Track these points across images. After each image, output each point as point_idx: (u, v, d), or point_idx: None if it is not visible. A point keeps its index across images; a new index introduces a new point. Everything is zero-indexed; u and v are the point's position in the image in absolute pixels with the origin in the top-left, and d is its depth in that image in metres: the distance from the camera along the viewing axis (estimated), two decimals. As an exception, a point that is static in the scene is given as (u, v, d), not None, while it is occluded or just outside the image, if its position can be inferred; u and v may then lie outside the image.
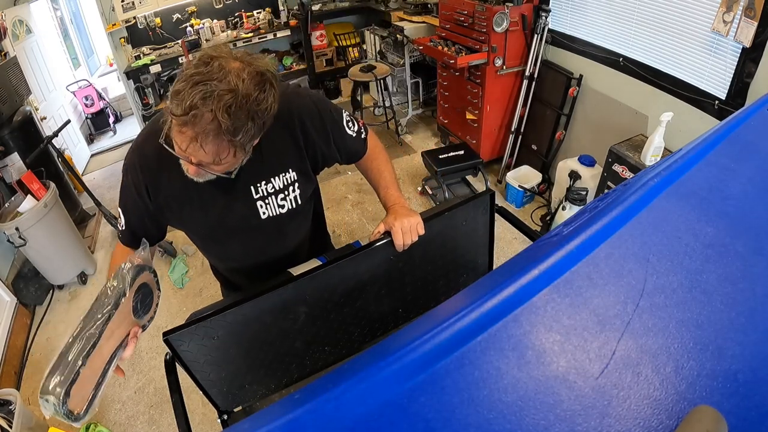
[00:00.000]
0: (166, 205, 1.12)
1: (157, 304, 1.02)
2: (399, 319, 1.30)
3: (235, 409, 1.26)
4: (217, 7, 5.13)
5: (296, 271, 1.25)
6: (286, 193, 1.17)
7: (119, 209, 1.17)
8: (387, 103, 4.40)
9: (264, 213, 1.17)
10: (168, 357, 1.29)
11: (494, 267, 1.42)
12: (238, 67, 0.86)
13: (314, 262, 1.29)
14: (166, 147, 0.94)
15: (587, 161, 2.86)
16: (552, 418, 0.50)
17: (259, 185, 1.13)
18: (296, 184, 1.18)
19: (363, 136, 1.28)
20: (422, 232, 1.12)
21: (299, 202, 1.21)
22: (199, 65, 0.85)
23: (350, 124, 1.25)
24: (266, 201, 1.16)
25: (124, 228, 1.16)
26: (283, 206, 1.18)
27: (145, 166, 1.08)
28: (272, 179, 1.14)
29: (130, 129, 5.65)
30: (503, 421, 0.50)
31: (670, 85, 2.41)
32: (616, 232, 0.69)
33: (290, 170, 1.16)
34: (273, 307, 1.09)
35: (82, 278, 3.19)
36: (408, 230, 1.10)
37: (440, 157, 3.36)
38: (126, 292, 0.88)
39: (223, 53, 0.88)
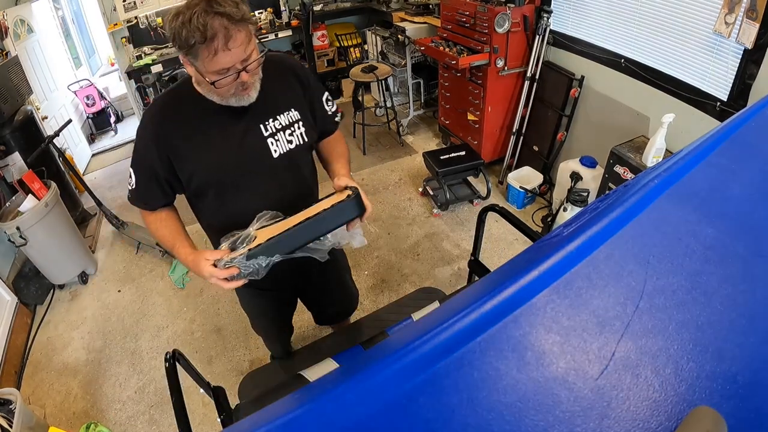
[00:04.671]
0: (183, 151, 1.21)
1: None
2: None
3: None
4: (218, 7, 5.13)
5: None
6: (293, 129, 1.29)
7: (130, 169, 1.29)
8: (388, 104, 4.40)
9: (275, 151, 1.27)
10: (168, 357, 1.30)
11: (495, 268, 1.42)
12: None
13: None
14: (217, 89, 1.11)
15: (588, 162, 2.85)
16: (551, 420, 0.50)
17: (267, 123, 1.25)
18: (300, 123, 1.31)
19: (337, 119, 1.47)
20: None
21: (305, 139, 1.32)
22: (176, 14, 1.02)
23: (329, 102, 1.43)
24: (276, 137, 1.27)
25: (134, 187, 1.29)
26: (291, 141, 1.30)
27: (164, 120, 1.21)
28: (278, 116, 1.27)
29: (131, 129, 5.65)
30: (502, 422, 0.50)
31: (671, 87, 2.40)
32: (617, 233, 0.69)
33: (293, 109, 1.30)
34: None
35: (83, 278, 3.20)
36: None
37: (441, 157, 3.36)
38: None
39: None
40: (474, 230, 1.75)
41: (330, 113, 1.43)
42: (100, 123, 5.61)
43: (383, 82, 4.15)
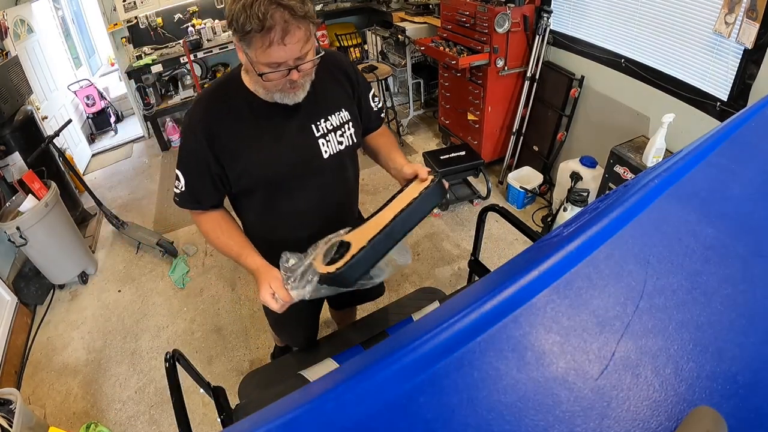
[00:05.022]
0: (234, 149, 1.18)
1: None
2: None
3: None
4: (218, 7, 5.13)
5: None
6: (343, 130, 1.28)
7: (177, 172, 1.24)
8: (388, 104, 4.40)
9: (326, 152, 1.26)
10: (168, 357, 1.30)
11: (495, 268, 1.42)
12: None
13: None
14: (264, 82, 1.07)
15: (588, 162, 2.86)
16: (551, 419, 0.50)
17: (318, 123, 1.24)
18: (350, 123, 1.30)
19: (381, 115, 1.47)
20: None
21: (355, 140, 1.32)
22: None
23: (375, 99, 1.43)
24: (327, 138, 1.25)
25: (183, 190, 1.24)
26: (341, 143, 1.29)
27: (213, 117, 1.17)
28: (329, 117, 1.26)
29: (131, 129, 5.66)
30: (502, 422, 0.50)
31: (671, 87, 2.40)
32: (617, 233, 0.69)
33: (343, 110, 1.29)
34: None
35: (83, 278, 3.20)
36: None
37: (441, 157, 3.36)
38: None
39: None
40: (474, 230, 1.75)
41: (376, 110, 1.43)
42: (100, 123, 5.61)
43: (383, 82, 4.15)
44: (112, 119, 5.69)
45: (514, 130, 3.52)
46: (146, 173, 4.69)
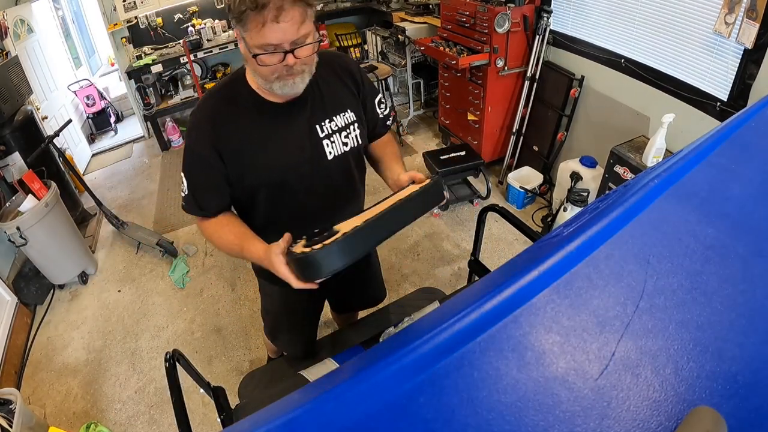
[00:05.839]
0: (239, 149, 1.17)
1: None
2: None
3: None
4: (218, 7, 5.13)
5: None
6: (348, 131, 1.27)
7: (182, 175, 1.21)
8: (389, 104, 4.40)
9: (330, 153, 1.24)
10: (168, 357, 1.30)
11: (495, 268, 1.42)
12: None
13: None
14: (260, 66, 1.04)
15: (588, 162, 2.85)
16: (551, 419, 0.50)
17: (323, 123, 1.23)
18: (355, 125, 1.28)
19: (388, 122, 1.44)
20: None
21: (359, 141, 1.30)
22: None
23: (381, 105, 1.40)
24: (331, 139, 1.24)
25: (187, 193, 1.21)
26: (346, 144, 1.27)
27: (219, 118, 1.16)
28: (334, 117, 1.24)
29: (131, 129, 5.66)
30: (502, 422, 0.50)
31: (671, 87, 2.40)
32: (617, 233, 0.69)
33: (348, 110, 1.27)
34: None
35: (83, 278, 3.20)
36: None
37: (441, 157, 3.36)
38: None
39: None
40: (474, 230, 1.75)
41: (382, 116, 1.40)
42: (100, 123, 5.61)
43: (383, 82, 4.15)
44: (112, 119, 5.69)
45: (514, 130, 3.52)
46: (146, 173, 4.69)
